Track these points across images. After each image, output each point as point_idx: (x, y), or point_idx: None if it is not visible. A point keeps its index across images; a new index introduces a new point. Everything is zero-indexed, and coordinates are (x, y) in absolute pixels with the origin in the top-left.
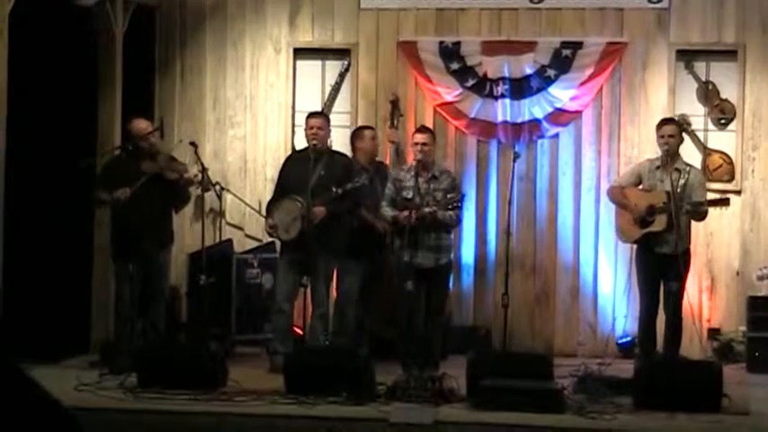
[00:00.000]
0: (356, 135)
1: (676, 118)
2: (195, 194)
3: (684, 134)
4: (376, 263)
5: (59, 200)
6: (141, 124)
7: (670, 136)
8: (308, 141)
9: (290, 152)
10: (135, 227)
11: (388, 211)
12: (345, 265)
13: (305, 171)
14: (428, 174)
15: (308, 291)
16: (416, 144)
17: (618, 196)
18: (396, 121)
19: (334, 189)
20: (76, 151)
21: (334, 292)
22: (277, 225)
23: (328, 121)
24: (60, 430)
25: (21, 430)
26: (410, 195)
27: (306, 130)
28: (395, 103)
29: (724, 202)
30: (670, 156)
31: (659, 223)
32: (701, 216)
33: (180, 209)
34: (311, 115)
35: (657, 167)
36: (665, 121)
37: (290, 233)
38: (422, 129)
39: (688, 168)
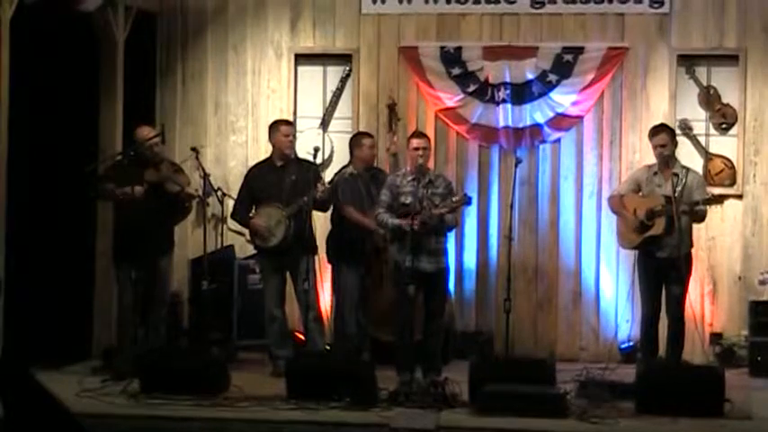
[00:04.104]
0: (354, 142)
1: (677, 122)
2: (196, 201)
3: (686, 139)
4: (373, 267)
5: (61, 206)
6: (145, 131)
7: (662, 146)
8: (282, 148)
9: None
10: (136, 233)
11: (387, 218)
12: (344, 269)
13: (277, 178)
14: (425, 179)
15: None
16: (416, 149)
17: (617, 206)
18: (394, 126)
19: (320, 186)
20: (78, 157)
21: (331, 296)
22: (266, 227)
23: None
24: None
25: None
26: (409, 201)
27: (279, 137)
28: (392, 108)
29: (717, 201)
30: (666, 162)
31: (658, 226)
32: (700, 216)
33: (178, 221)
34: (285, 123)
35: (655, 173)
36: (656, 130)
37: (276, 237)
38: (418, 134)
39: (686, 171)
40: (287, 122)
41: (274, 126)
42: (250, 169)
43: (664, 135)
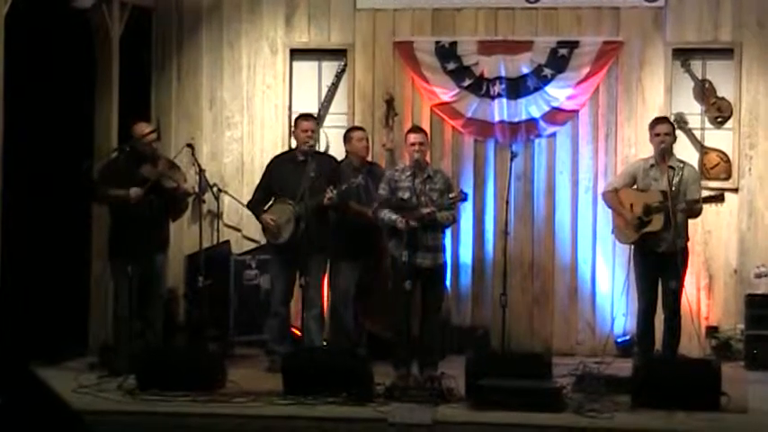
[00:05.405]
0: (345, 137)
1: (673, 116)
2: (192, 198)
3: (681, 132)
4: (371, 263)
5: (57, 202)
6: (142, 127)
7: (666, 134)
8: (299, 143)
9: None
10: (133, 229)
11: (386, 214)
12: (341, 265)
13: (296, 173)
14: (423, 174)
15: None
16: (413, 145)
17: (612, 200)
18: (391, 121)
19: (330, 189)
20: (74, 153)
21: (327, 291)
22: (275, 224)
23: (318, 123)
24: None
25: (32, 429)
26: (406, 196)
27: (299, 132)
28: (389, 103)
29: (719, 199)
30: (663, 155)
31: (656, 223)
32: (696, 213)
33: (176, 218)
34: (305, 117)
35: (652, 166)
36: (659, 120)
37: (283, 235)
38: (416, 129)
39: (682, 165)
40: (309, 117)
41: (297, 120)
42: (272, 160)
43: (667, 125)
